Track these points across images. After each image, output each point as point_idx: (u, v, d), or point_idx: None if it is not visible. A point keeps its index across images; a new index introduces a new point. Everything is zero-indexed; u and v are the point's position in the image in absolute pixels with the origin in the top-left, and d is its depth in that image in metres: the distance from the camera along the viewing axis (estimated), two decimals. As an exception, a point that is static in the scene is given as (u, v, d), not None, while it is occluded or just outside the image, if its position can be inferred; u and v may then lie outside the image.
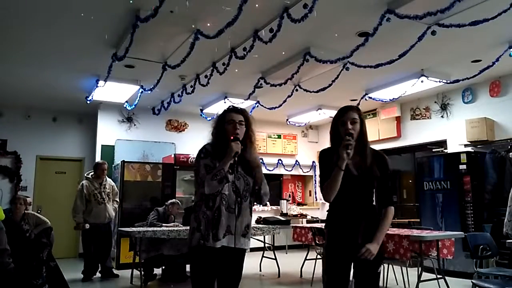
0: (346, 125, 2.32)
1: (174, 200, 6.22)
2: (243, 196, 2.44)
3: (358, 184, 2.33)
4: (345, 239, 2.32)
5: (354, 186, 2.31)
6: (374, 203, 2.42)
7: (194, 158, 2.56)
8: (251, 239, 2.59)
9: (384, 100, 7.15)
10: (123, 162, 6.99)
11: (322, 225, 4.83)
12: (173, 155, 7.64)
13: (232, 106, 2.64)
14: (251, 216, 2.54)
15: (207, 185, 2.32)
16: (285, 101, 6.70)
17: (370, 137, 2.46)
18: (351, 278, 2.42)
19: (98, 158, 7.68)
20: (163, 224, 5.69)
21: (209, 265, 2.38)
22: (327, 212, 2.49)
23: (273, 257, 6.30)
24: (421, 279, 4.43)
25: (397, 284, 5.23)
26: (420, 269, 4.44)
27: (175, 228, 5.43)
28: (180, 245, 5.56)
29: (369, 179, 2.35)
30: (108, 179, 6.17)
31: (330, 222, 2.44)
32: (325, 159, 2.40)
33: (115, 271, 6.15)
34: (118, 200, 6.27)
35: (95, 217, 5.86)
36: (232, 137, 2.41)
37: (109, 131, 7.89)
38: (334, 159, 2.26)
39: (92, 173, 6.08)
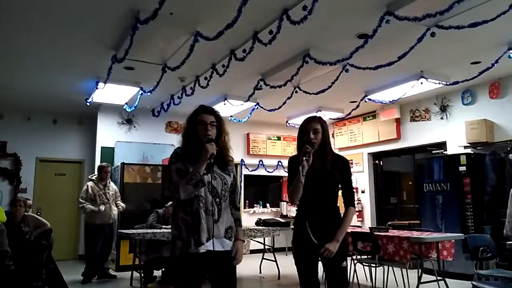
0: (309, 134, 2.56)
1: None
2: (222, 196, 2.32)
3: (319, 188, 2.55)
4: (305, 238, 2.54)
5: (315, 190, 2.54)
6: (337, 205, 2.64)
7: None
8: (252, 241, 2.55)
9: (384, 102, 7.15)
10: (123, 164, 6.99)
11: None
12: (173, 157, 7.62)
13: (203, 106, 2.45)
14: (232, 216, 2.41)
15: (183, 190, 2.20)
16: (284, 102, 6.71)
17: (370, 139, 2.56)
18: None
19: (98, 160, 7.68)
20: (163, 226, 5.69)
21: (194, 272, 2.25)
22: (295, 212, 2.72)
23: (273, 259, 6.30)
24: (421, 281, 4.43)
25: (397, 286, 5.23)
26: (420, 271, 4.44)
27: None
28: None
29: (330, 183, 2.59)
30: (111, 182, 6.26)
31: (295, 222, 2.66)
32: (291, 165, 2.63)
33: (114, 273, 6.15)
34: (123, 205, 6.32)
35: (101, 217, 5.91)
36: (203, 141, 2.30)
37: (108, 133, 7.89)
38: (298, 165, 2.47)
39: (96, 175, 6.16)
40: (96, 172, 6.29)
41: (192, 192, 2.22)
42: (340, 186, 2.63)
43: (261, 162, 9.20)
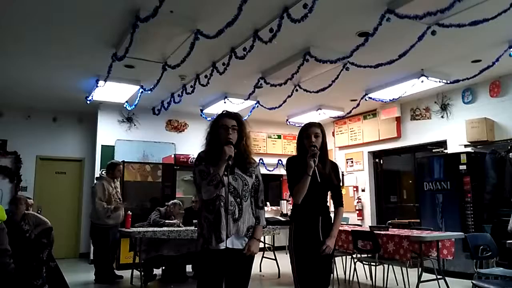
0: (310, 138, 2.74)
1: (175, 200, 6.23)
2: (243, 197, 2.46)
3: (319, 188, 2.74)
4: (310, 235, 2.70)
5: (316, 190, 2.72)
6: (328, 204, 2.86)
7: (194, 158, 2.60)
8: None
9: (384, 100, 7.15)
10: (123, 162, 6.99)
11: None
12: (173, 155, 7.64)
13: (226, 111, 2.63)
14: (253, 216, 2.52)
15: (204, 190, 2.39)
16: (285, 101, 6.70)
17: (370, 138, 2.68)
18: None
19: (98, 159, 7.68)
20: (166, 221, 5.69)
21: (214, 268, 2.40)
22: (291, 211, 2.89)
23: (273, 258, 6.31)
24: (421, 279, 4.43)
25: (397, 284, 5.23)
26: (420, 269, 4.44)
27: (175, 229, 5.43)
28: (180, 245, 5.56)
29: (327, 184, 2.80)
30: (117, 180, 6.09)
31: (296, 220, 2.77)
32: (292, 166, 2.81)
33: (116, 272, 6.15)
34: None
35: (116, 218, 5.71)
36: (223, 143, 2.43)
37: (109, 131, 7.89)
38: (301, 166, 2.67)
39: (106, 172, 5.94)
40: (103, 169, 6.02)
41: (213, 192, 2.38)
42: (331, 187, 2.84)
43: (261, 161, 9.19)
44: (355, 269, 5.11)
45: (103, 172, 6.04)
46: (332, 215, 2.83)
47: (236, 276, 2.46)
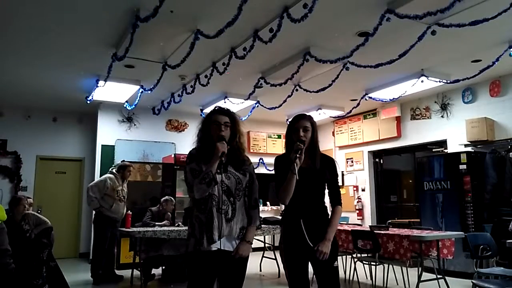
0: (298, 132, 2.49)
1: (167, 197, 6.22)
2: (236, 196, 2.36)
3: (302, 187, 2.44)
4: (298, 239, 2.45)
5: (298, 189, 2.43)
6: (325, 204, 2.57)
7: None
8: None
9: (384, 100, 7.14)
10: (123, 162, 6.98)
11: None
12: (173, 155, 7.64)
13: (218, 107, 2.53)
14: (246, 216, 2.42)
15: (196, 189, 2.27)
16: (285, 101, 6.70)
17: (370, 137, 2.53)
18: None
19: (98, 158, 7.69)
20: (156, 223, 5.70)
21: (206, 270, 2.31)
22: (283, 212, 2.62)
23: (273, 257, 6.31)
24: (421, 279, 4.43)
25: (397, 284, 5.23)
26: (420, 269, 4.44)
27: (175, 228, 5.43)
28: (180, 245, 5.56)
29: (320, 181, 2.54)
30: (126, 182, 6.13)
31: (284, 222, 2.58)
32: (279, 164, 2.56)
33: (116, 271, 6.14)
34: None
35: (114, 212, 5.75)
36: (216, 140, 2.34)
37: (109, 131, 7.89)
38: (288, 164, 2.41)
39: (116, 170, 6.02)
40: (114, 167, 6.10)
41: (205, 191, 2.27)
42: (327, 185, 2.58)
43: (261, 161, 9.20)
44: (355, 268, 5.11)
45: (113, 170, 6.06)
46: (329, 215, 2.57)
47: (228, 279, 2.36)
